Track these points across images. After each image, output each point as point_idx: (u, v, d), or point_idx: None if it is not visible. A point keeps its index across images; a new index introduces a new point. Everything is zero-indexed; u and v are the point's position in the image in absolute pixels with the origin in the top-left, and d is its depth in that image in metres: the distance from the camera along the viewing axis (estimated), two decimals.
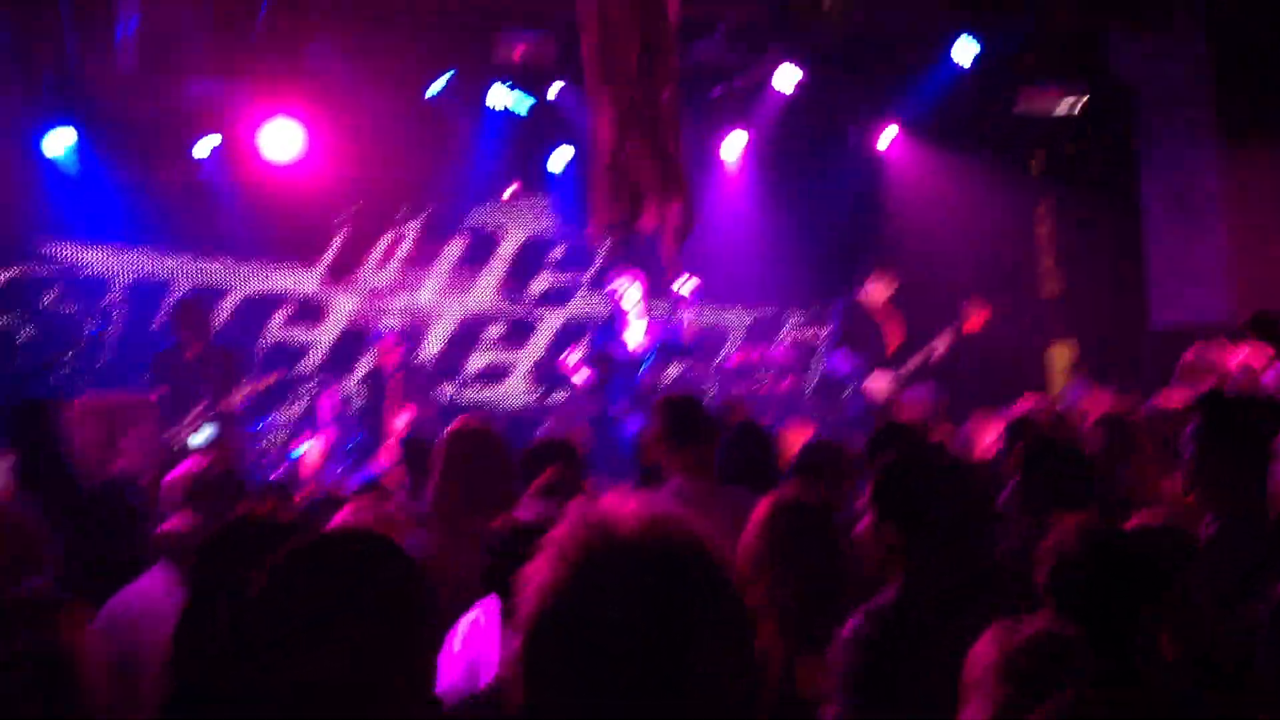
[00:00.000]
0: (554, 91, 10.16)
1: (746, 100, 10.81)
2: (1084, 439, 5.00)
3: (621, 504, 1.31)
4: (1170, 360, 7.39)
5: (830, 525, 3.26)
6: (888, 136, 11.17)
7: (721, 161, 11.22)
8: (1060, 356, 11.14)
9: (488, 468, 4.10)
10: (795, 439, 6.09)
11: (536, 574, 1.28)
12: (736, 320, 11.90)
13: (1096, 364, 10.19)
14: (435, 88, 9.76)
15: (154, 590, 3.58)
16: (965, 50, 10.13)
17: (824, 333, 9.60)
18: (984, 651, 2.14)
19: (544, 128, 10.60)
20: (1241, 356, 6.99)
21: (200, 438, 7.07)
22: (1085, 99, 10.45)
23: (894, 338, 8.70)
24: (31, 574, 3.23)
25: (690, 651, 1.24)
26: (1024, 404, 6.07)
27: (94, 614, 3.51)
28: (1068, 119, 10.64)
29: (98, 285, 10.22)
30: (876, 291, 8.75)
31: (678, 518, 1.31)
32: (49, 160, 9.57)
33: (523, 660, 1.29)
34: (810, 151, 11.35)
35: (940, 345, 8.66)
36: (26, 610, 2.90)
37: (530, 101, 10.19)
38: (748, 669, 1.30)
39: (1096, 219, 11.13)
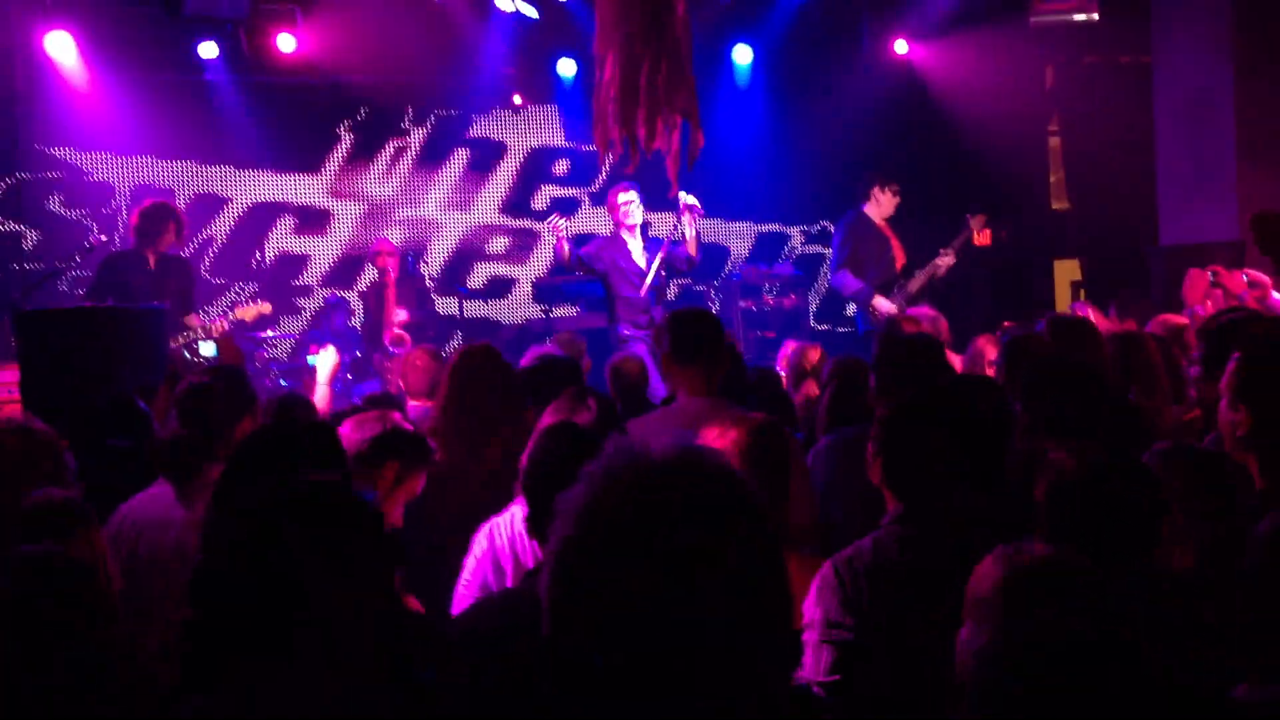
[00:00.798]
0: None
1: (757, 9, 10.64)
2: (1090, 353, 4.97)
3: (656, 436, 1.35)
4: (1179, 277, 7.36)
5: (781, 445, 3.24)
6: (899, 48, 11.03)
7: (730, 73, 11.09)
8: (1067, 273, 11.11)
9: (493, 390, 4.12)
10: (812, 354, 6.08)
11: (571, 500, 1.32)
12: (742, 235, 11.85)
13: (1105, 280, 10.16)
14: None
15: (160, 499, 3.63)
16: None
17: (831, 248, 9.54)
18: (987, 572, 2.16)
19: (552, 36, 10.46)
20: (1249, 275, 6.96)
21: (209, 348, 7.05)
22: (1098, 11, 10.29)
23: (900, 254, 8.64)
24: (52, 483, 3.27)
25: (719, 576, 1.27)
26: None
27: (104, 523, 3.56)
28: (1082, 30, 10.48)
29: (102, 191, 10.19)
30: (884, 206, 8.67)
31: (711, 448, 1.36)
32: (51, 64, 9.47)
33: (552, 585, 1.32)
34: (820, 64, 11.20)
35: (946, 260, 8.59)
36: (46, 517, 2.95)
37: (536, 11, 10.05)
38: (775, 594, 1.33)
39: (1108, 133, 11.02)
